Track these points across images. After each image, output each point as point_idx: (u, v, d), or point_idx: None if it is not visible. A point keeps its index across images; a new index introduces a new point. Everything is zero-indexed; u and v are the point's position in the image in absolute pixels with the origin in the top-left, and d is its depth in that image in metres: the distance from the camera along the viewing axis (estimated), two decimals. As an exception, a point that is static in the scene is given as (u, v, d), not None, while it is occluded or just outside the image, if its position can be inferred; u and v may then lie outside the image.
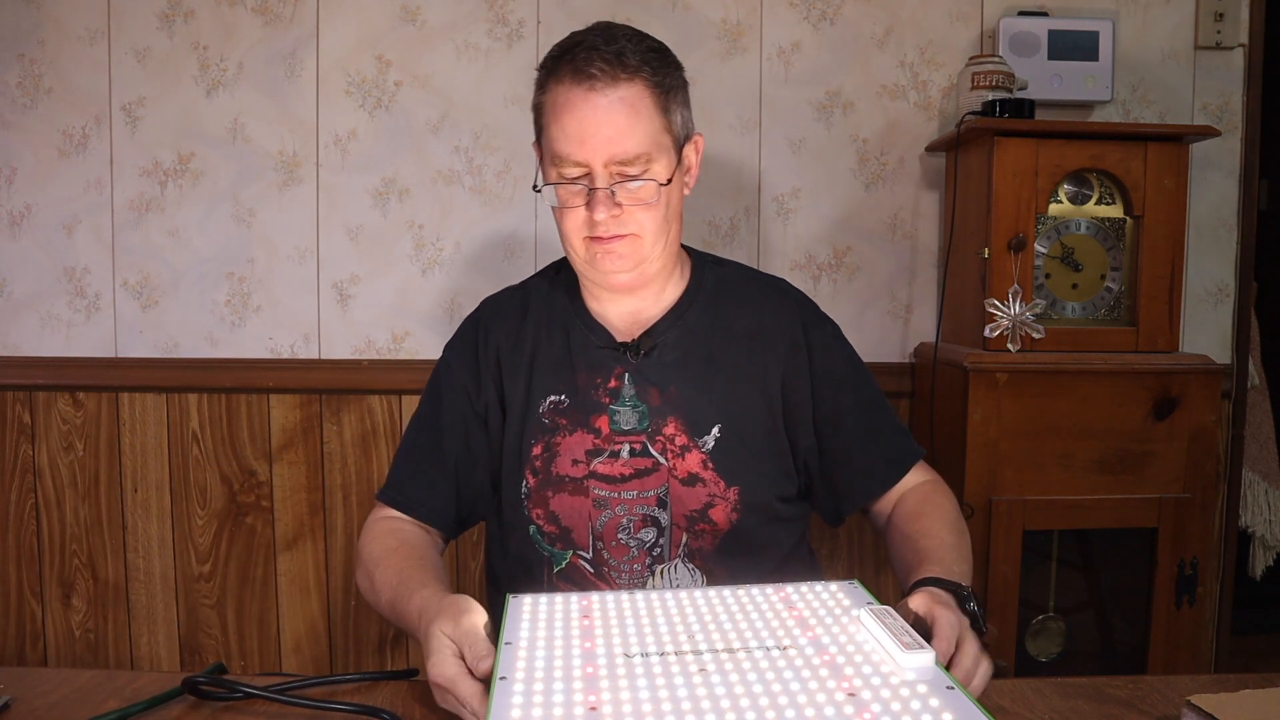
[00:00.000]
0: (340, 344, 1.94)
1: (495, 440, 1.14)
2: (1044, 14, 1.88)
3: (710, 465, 1.08)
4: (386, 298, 1.93)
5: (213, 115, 1.90)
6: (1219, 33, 1.93)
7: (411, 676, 0.90)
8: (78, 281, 1.92)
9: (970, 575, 0.98)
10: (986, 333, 1.65)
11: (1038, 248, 1.71)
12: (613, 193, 1.03)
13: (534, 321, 1.16)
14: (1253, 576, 2.09)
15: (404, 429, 1.19)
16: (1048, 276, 1.73)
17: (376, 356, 1.93)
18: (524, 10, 1.90)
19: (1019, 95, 1.79)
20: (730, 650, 0.74)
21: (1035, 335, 1.65)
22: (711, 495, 1.08)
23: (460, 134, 1.91)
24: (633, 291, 1.11)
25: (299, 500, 1.94)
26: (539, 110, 1.07)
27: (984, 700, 0.83)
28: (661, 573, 1.08)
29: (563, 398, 1.11)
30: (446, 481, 1.13)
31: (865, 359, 1.21)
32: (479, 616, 0.80)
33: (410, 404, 1.92)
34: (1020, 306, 1.64)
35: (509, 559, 1.16)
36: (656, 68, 1.03)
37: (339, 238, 1.92)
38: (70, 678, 0.88)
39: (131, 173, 1.90)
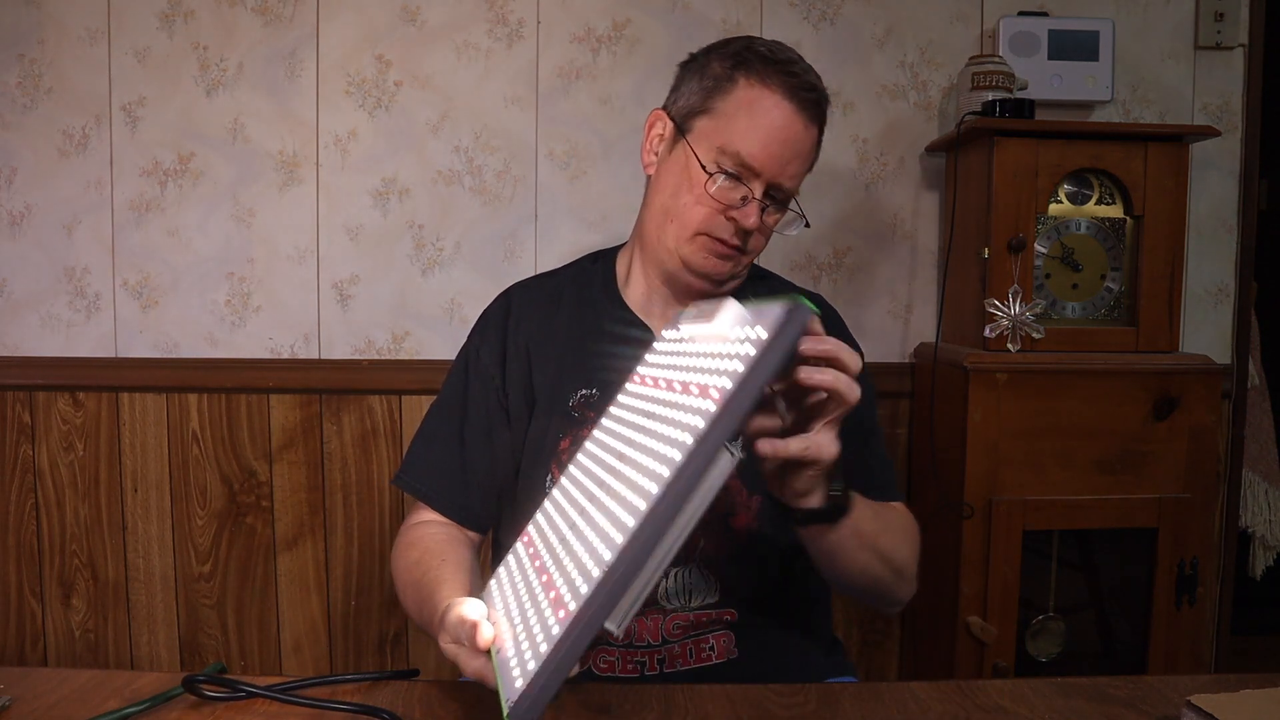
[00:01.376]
0: (340, 344, 1.93)
1: (518, 432, 1.12)
2: (1044, 14, 1.88)
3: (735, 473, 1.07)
4: (386, 298, 1.93)
5: (213, 115, 1.90)
6: (1219, 33, 1.93)
7: (412, 676, 0.89)
8: (78, 281, 1.91)
9: (886, 540, 0.97)
10: (986, 333, 1.65)
11: (1038, 248, 1.71)
12: (765, 207, 1.05)
13: (567, 312, 1.14)
14: (1253, 576, 2.09)
15: (421, 419, 1.17)
16: (1048, 276, 1.73)
17: (376, 356, 1.93)
18: (524, 10, 1.90)
19: (1019, 95, 1.78)
20: (627, 460, 0.74)
21: (1035, 335, 1.65)
22: (734, 503, 1.07)
23: (460, 134, 1.91)
24: (698, 300, 1.11)
25: (299, 500, 1.94)
26: (717, 92, 1.05)
27: (983, 701, 0.84)
28: (675, 575, 1.07)
29: (593, 391, 1.09)
30: (471, 475, 1.11)
31: (865, 359, 1.21)
32: (459, 605, 0.78)
33: (410, 404, 1.92)
34: (1020, 306, 1.64)
35: None
36: (823, 126, 1.09)
37: (339, 238, 1.92)
38: (70, 678, 0.88)
39: (131, 173, 1.90)
